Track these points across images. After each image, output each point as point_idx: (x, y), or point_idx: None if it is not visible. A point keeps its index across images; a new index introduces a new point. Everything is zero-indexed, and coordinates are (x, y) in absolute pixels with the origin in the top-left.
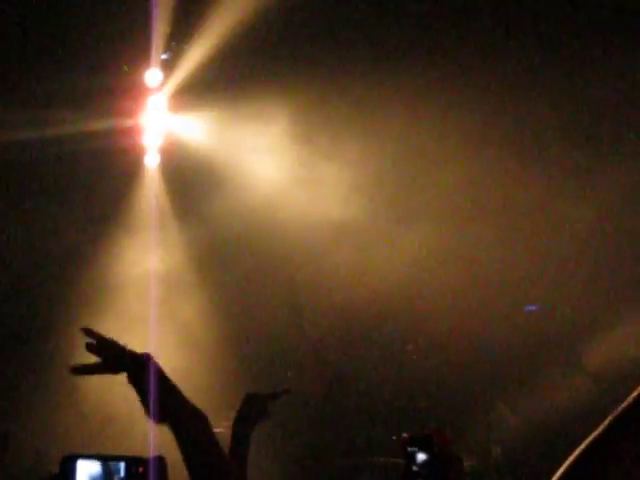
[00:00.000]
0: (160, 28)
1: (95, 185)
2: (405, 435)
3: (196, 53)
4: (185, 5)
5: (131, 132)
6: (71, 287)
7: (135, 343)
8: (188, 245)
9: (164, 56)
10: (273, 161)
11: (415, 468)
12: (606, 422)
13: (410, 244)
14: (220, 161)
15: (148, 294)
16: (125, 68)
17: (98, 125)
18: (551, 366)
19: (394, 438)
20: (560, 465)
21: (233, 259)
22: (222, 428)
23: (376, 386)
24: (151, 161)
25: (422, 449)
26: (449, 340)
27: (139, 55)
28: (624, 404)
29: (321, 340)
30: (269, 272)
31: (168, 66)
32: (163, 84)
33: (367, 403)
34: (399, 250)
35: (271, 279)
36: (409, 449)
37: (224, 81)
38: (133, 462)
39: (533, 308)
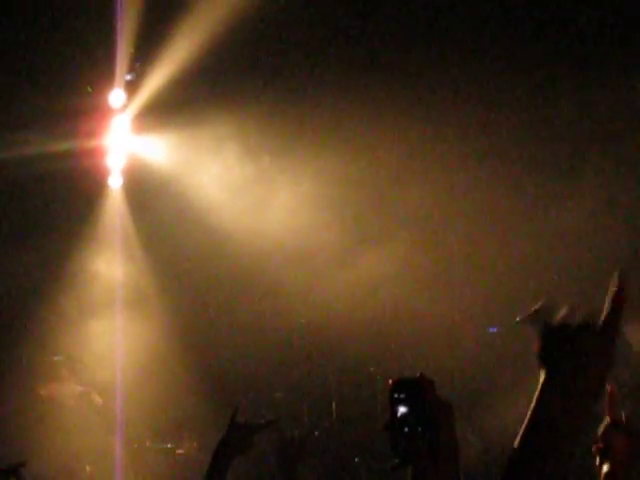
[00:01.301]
0: (124, 49)
1: (58, 206)
2: (390, 381)
3: (160, 74)
4: (149, 26)
5: (94, 153)
6: (32, 308)
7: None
8: (151, 265)
9: (128, 77)
10: (235, 182)
11: (401, 415)
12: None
13: (373, 265)
14: (183, 182)
15: (111, 313)
16: (89, 89)
17: (61, 146)
18: (516, 389)
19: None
20: None
21: (194, 279)
22: (184, 449)
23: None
24: (114, 182)
25: (409, 394)
26: (413, 361)
27: (103, 76)
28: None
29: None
30: (230, 293)
31: (132, 87)
32: (127, 105)
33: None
34: (362, 271)
35: (231, 300)
36: (395, 395)
37: (188, 102)
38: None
39: (495, 330)
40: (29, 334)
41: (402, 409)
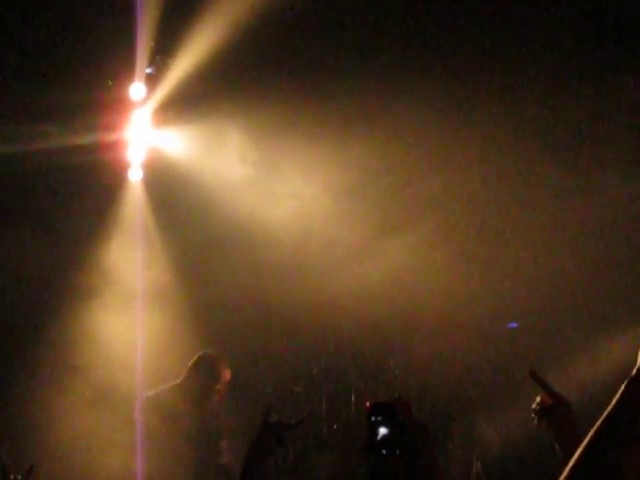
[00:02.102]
0: (145, 42)
1: (78, 199)
2: (368, 403)
3: (180, 67)
4: (170, 20)
5: (114, 146)
6: (55, 299)
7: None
8: (172, 258)
9: (148, 70)
10: (256, 175)
11: (379, 437)
12: (593, 430)
13: (389, 259)
14: (203, 175)
15: (132, 306)
16: (109, 82)
17: (81, 139)
18: (532, 383)
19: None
20: None
21: (214, 270)
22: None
23: (356, 402)
24: (134, 175)
25: (386, 417)
26: (431, 355)
27: (123, 69)
28: (607, 410)
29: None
30: (250, 285)
31: (152, 80)
32: (147, 98)
33: (346, 420)
34: (381, 262)
35: (250, 290)
36: (372, 418)
37: (208, 95)
38: None
39: (514, 325)
40: (53, 322)
41: (380, 432)
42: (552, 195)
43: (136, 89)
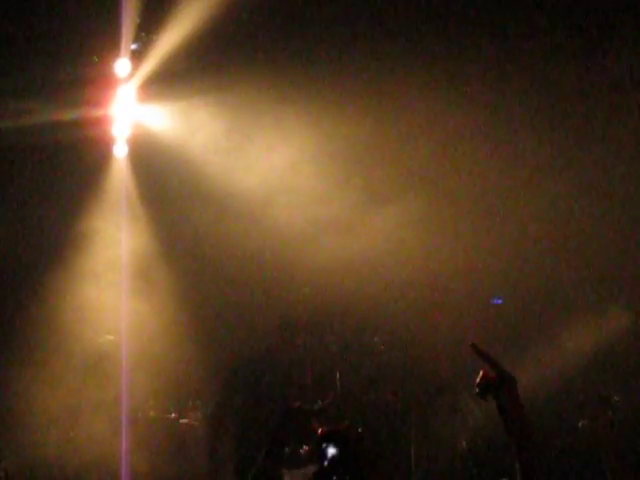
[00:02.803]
0: (130, 18)
1: (64, 174)
2: (319, 431)
3: (165, 44)
4: None
5: (100, 122)
6: (42, 275)
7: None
8: (156, 233)
9: (133, 46)
10: (238, 149)
11: (327, 464)
12: None
13: (373, 233)
14: (187, 151)
15: (118, 280)
16: (95, 58)
17: (67, 115)
18: (516, 360)
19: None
20: None
21: (200, 247)
22: (189, 419)
23: (342, 377)
24: (120, 151)
25: (335, 445)
26: (416, 332)
27: (109, 45)
28: None
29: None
30: (238, 260)
31: (137, 56)
32: (132, 74)
33: (333, 394)
34: (363, 239)
35: (239, 267)
36: (322, 445)
37: (193, 72)
38: None
39: (499, 301)
40: (40, 292)
41: (330, 459)
42: (539, 171)
43: (121, 65)
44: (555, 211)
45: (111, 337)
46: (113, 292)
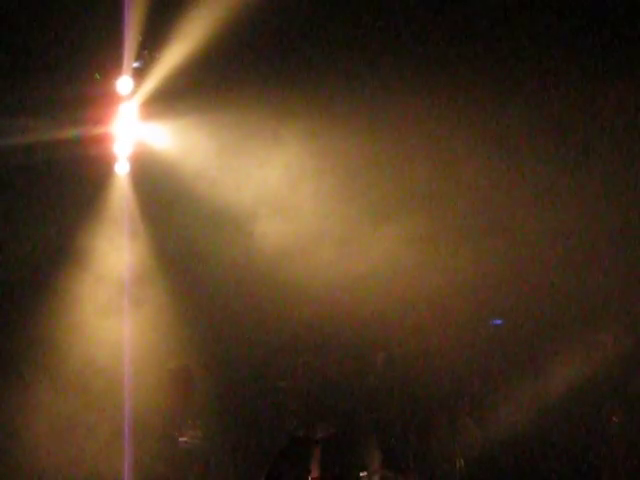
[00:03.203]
0: (132, 36)
1: (66, 193)
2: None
3: (167, 62)
4: (157, 14)
5: (102, 140)
6: (43, 295)
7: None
8: (157, 249)
9: (136, 64)
10: (242, 168)
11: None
12: None
13: (374, 253)
14: (189, 169)
15: (119, 298)
16: (97, 76)
17: (69, 133)
18: (516, 380)
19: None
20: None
21: (200, 264)
22: (187, 437)
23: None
24: (121, 169)
25: None
26: (415, 350)
27: (110, 63)
28: None
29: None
30: (238, 278)
31: (139, 74)
32: (134, 92)
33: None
34: (363, 259)
35: (240, 285)
36: None
37: (195, 90)
38: None
39: (499, 322)
40: (41, 309)
41: None
42: (541, 193)
43: (123, 83)
44: (553, 232)
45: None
46: (114, 308)
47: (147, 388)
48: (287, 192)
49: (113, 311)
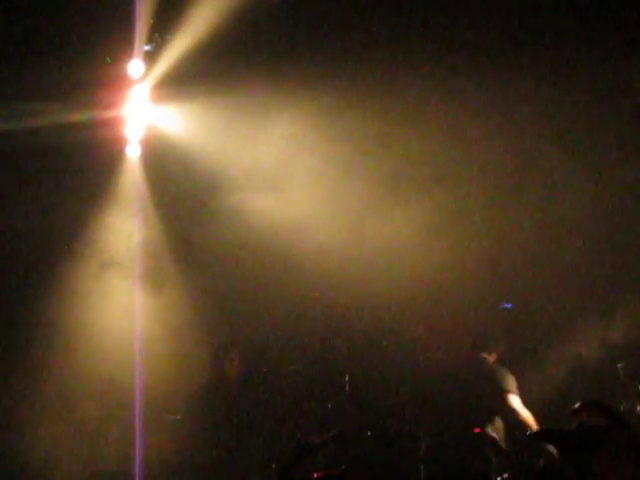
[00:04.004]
0: (143, 19)
1: (77, 176)
2: (314, 475)
3: (179, 45)
4: None
5: (113, 123)
6: (53, 278)
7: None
8: (167, 233)
9: (147, 48)
10: (255, 153)
11: None
12: None
13: (382, 237)
14: (201, 153)
15: (130, 282)
16: (108, 59)
17: (80, 116)
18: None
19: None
20: None
21: (213, 249)
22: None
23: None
24: (132, 152)
25: None
26: (423, 335)
27: (122, 46)
28: None
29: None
30: (247, 262)
31: (151, 58)
32: (145, 76)
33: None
34: (370, 242)
35: (246, 267)
36: None
37: (206, 73)
38: None
39: (509, 306)
40: (51, 292)
41: None
42: (548, 176)
43: (134, 66)
44: (565, 215)
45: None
46: (125, 291)
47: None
48: (300, 174)
49: (124, 297)
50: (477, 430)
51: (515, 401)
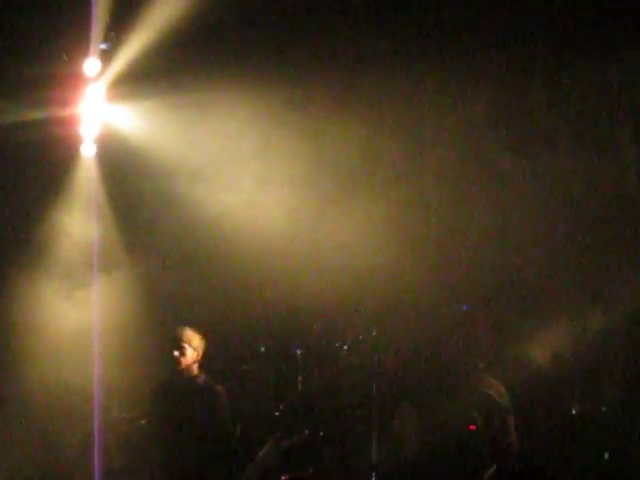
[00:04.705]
0: (99, 18)
1: (31, 174)
2: (282, 479)
3: (134, 44)
4: None
5: (68, 121)
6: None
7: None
8: (123, 231)
9: (103, 46)
10: (209, 151)
11: None
12: None
13: (343, 233)
14: (156, 151)
15: (85, 277)
16: (64, 56)
17: (35, 114)
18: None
19: None
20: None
21: (166, 247)
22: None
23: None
24: (88, 151)
25: None
26: (381, 336)
27: (78, 44)
28: None
29: None
30: (205, 259)
31: (107, 56)
32: (101, 74)
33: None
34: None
35: (207, 266)
36: None
37: (162, 71)
38: None
39: (464, 307)
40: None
41: None
42: (505, 178)
43: (90, 64)
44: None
45: None
46: (81, 290)
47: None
48: (259, 171)
49: (80, 296)
50: (473, 427)
51: (511, 422)
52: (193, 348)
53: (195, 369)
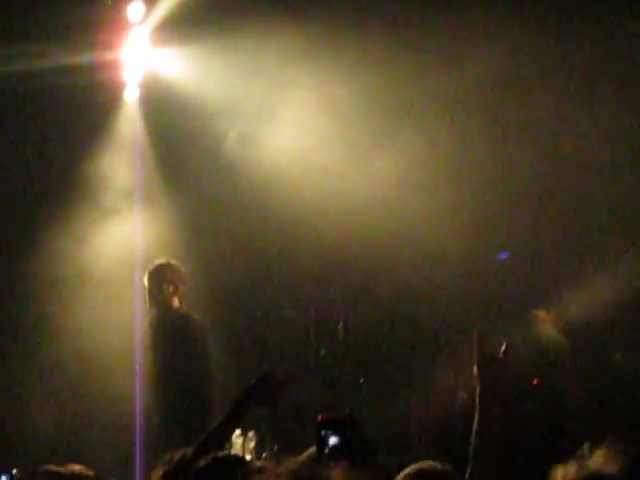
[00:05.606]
0: None
1: (73, 120)
2: (319, 417)
3: None
4: None
5: (112, 66)
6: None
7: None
8: (165, 175)
9: None
10: (258, 98)
11: (327, 451)
12: None
13: (376, 182)
14: (199, 96)
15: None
16: (107, 1)
17: (78, 58)
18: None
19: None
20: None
21: (209, 190)
22: None
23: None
24: (131, 96)
25: (335, 432)
26: (419, 284)
27: None
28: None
29: None
30: (241, 204)
31: (150, 0)
32: (145, 18)
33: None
34: (364, 189)
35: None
36: (322, 432)
37: (209, 14)
38: None
39: (505, 256)
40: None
41: (331, 443)
42: (543, 118)
43: (134, 8)
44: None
45: None
46: (123, 240)
47: None
48: (303, 121)
49: (123, 244)
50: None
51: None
52: (168, 281)
53: (175, 302)
